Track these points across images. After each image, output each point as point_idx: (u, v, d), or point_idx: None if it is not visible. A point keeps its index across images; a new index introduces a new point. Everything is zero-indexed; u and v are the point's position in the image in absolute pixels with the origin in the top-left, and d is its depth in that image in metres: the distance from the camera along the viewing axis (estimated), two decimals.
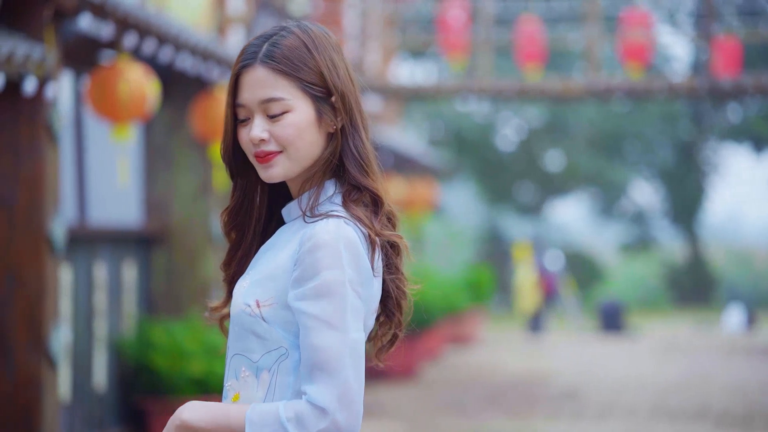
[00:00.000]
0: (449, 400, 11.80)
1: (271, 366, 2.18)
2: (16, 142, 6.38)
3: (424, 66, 29.01)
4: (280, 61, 2.20)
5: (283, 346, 2.18)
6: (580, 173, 28.76)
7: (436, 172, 20.43)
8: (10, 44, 6.02)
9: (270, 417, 2.09)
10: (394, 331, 2.37)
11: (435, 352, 15.37)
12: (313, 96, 2.21)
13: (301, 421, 2.08)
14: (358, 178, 2.24)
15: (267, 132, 2.20)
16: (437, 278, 15.91)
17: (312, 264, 2.14)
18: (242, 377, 2.21)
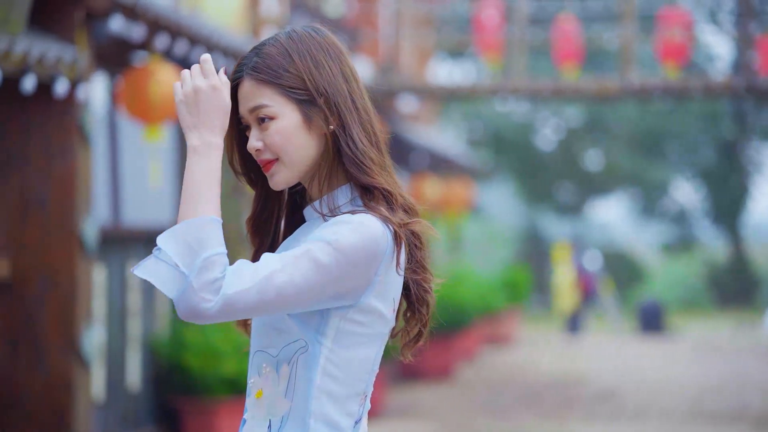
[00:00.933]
0: (485, 401, 11.77)
1: (290, 358, 2.19)
2: (48, 144, 6.43)
3: (463, 66, 28.97)
4: (261, 71, 2.23)
5: (303, 338, 2.19)
6: (620, 173, 28.62)
7: (473, 172, 20.38)
8: (41, 46, 6.07)
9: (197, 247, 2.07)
10: (420, 327, 2.33)
11: (471, 352, 15.34)
12: (297, 100, 2.23)
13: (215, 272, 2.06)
14: (359, 177, 2.24)
15: (261, 141, 2.23)
16: (473, 278, 15.88)
17: (335, 223, 2.17)
18: (264, 373, 2.22)
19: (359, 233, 2.15)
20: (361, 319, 2.21)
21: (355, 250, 2.15)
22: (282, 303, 2.11)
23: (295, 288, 2.10)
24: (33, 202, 6.45)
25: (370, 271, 2.17)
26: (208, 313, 2.04)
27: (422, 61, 17.31)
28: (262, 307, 2.09)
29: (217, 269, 2.05)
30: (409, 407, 11.21)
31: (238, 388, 7.97)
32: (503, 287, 17.26)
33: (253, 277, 2.07)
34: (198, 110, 2.16)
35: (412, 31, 14.05)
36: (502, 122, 28.57)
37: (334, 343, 2.20)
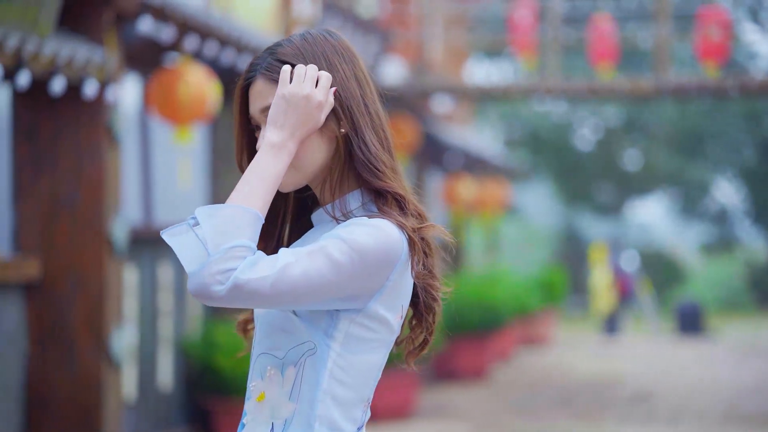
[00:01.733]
0: (519, 402, 11.73)
1: (297, 360, 2.17)
2: (78, 145, 6.47)
3: (500, 67, 28.90)
4: (275, 71, 2.21)
5: (311, 340, 2.17)
6: (659, 172, 28.43)
7: (509, 173, 20.32)
8: (70, 48, 6.10)
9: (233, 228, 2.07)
10: (425, 335, 2.32)
11: (506, 353, 15.29)
12: None
13: (246, 264, 2.05)
14: (371, 181, 2.23)
15: None
16: (509, 279, 15.83)
17: (352, 224, 2.15)
18: (268, 376, 2.19)
19: (375, 237, 2.13)
20: (370, 324, 2.20)
21: (371, 252, 2.13)
22: (293, 297, 2.08)
23: (308, 283, 2.08)
24: (63, 203, 6.49)
25: (383, 275, 2.15)
26: (217, 295, 2.03)
27: (457, 62, 17.27)
28: (273, 298, 2.07)
29: (239, 260, 2.04)
30: (442, 408, 11.19)
31: None
32: (539, 288, 17.19)
33: (268, 267, 2.05)
34: (295, 114, 2.15)
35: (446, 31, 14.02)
36: (540, 122, 28.46)
37: (342, 347, 2.18)
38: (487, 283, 14.31)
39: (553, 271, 19.16)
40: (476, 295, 13.07)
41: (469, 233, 19.85)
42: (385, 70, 11.51)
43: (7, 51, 5.57)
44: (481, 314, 12.93)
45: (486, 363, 13.48)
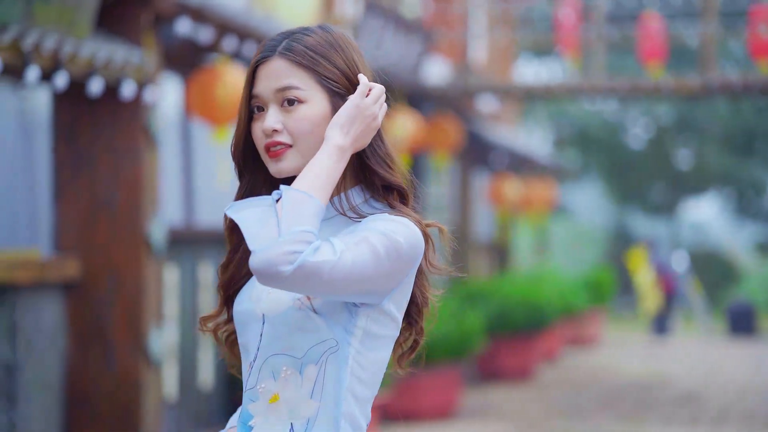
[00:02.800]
0: (563, 402, 11.67)
1: (319, 358, 2.15)
2: (116, 145, 6.52)
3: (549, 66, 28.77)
4: (299, 54, 2.21)
5: (333, 338, 2.16)
6: (712, 172, 28.16)
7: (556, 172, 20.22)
8: (108, 49, 6.16)
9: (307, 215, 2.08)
10: (415, 337, 2.33)
11: (553, 353, 15.21)
12: (331, 91, 2.21)
13: (315, 247, 2.06)
14: (385, 176, 2.23)
15: (281, 123, 2.20)
16: (555, 278, 15.75)
17: (382, 219, 2.15)
18: (283, 377, 2.17)
19: (406, 234, 2.14)
20: (384, 320, 2.20)
21: (405, 249, 2.14)
22: (343, 284, 2.08)
23: (357, 272, 2.09)
24: (101, 204, 6.54)
25: (406, 272, 2.18)
26: (283, 275, 2.03)
27: (505, 61, 17.22)
28: (328, 283, 2.07)
29: (307, 245, 2.05)
30: (485, 408, 11.16)
31: None
32: (586, 288, 17.08)
33: (329, 253, 2.06)
34: (361, 127, 2.17)
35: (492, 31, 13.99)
36: (590, 121, 28.30)
37: (360, 344, 2.18)
38: (532, 282, 14.24)
39: (601, 270, 19.03)
40: (521, 294, 13.01)
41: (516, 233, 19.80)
42: (427, 69, 11.50)
43: (44, 52, 5.63)
44: (525, 314, 12.87)
45: (531, 363, 13.41)
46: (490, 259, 16.91)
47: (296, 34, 2.24)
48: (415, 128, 10.28)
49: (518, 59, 26.32)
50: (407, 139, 10.19)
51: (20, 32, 5.51)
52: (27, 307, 6.19)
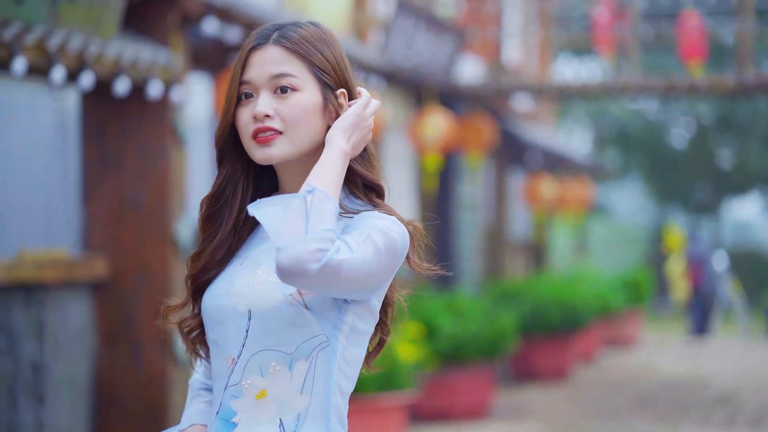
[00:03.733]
0: (599, 403, 11.60)
1: (310, 354, 2.16)
2: (144, 145, 6.55)
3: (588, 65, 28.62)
4: (295, 42, 2.22)
5: (323, 334, 2.17)
6: (754, 171, 27.89)
7: (593, 172, 20.11)
8: (134, 49, 6.18)
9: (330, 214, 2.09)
10: (382, 336, 2.34)
11: (590, 353, 15.12)
12: (323, 82, 2.23)
13: (337, 246, 2.08)
14: (367, 176, 2.27)
15: (273, 109, 2.21)
16: (592, 278, 15.66)
17: (375, 217, 2.18)
18: (271, 372, 2.17)
19: (399, 231, 2.18)
20: (368, 317, 2.23)
21: (399, 246, 2.18)
22: (356, 282, 2.11)
23: (365, 269, 2.11)
24: (129, 203, 6.57)
25: (395, 268, 2.21)
26: (310, 272, 2.04)
27: (541, 60, 17.15)
28: (345, 281, 2.09)
29: (331, 243, 2.06)
30: (518, 408, 11.11)
31: None
32: (624, 288, 16.97)
33: (348, 251, 2.08)
34: (360, 134, 2.20)
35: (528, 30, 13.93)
36: (630, 120, 28.13)
37: (347, 339, 2.20)
38: (568, 282, 14.17)
39: (640, 270, 18.91)
40: (556, 294, 12.94)
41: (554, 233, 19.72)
42: (460, 69, 11.47)
43: (69, 53, 5.66)
44: (561, 314, 12.80)
45: (567, 363, 13.34)
46: (526, 259, 16.85)
47: (289, 26, 2.26)
48: (448, 127, 10.26)
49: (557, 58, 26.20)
50: (439, 138, 10.17)
51: (45, 33, 5.54)
52: (55, 306, 6.23)
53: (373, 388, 8.01)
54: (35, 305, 6.06)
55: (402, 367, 8.17)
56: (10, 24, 5.34)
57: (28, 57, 5.42)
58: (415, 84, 10.28)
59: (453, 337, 9.81)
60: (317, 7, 9.30)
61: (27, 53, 5.41)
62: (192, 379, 2.39)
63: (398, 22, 9.58)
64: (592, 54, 26.03)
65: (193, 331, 2.32)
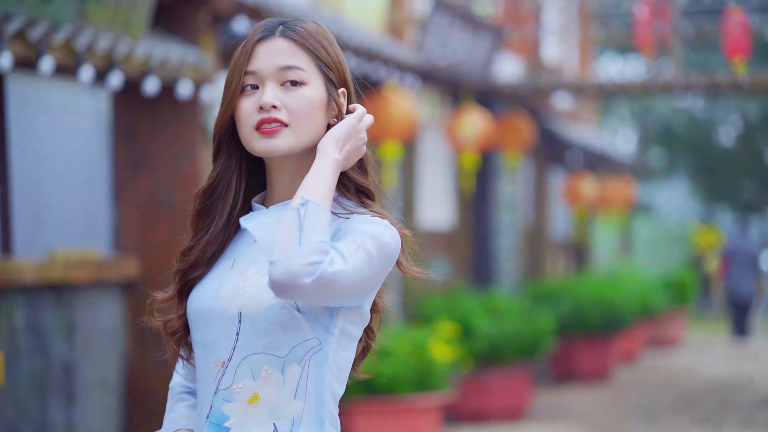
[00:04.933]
0: (639, 405, 11.48)
1: (302, 358, 2.13)
2: (174, 145, 6.54)
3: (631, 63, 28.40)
4: (304, 37, 2.20)
5: (315, 337, 2.14)
6: None
7: (636, 170, 19.94)
8: (164, 49, 6.17)
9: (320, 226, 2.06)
10: (367, 341, 2.31)
11: (632, 354, 14.99)
12: (328, 79, 2.21)
13: (330, 256, 2.05)
14: (360, 181, 2.24)
15: (280, 101, 2.17)
16: (634, 278, 15.52)
17: (368, 222, 2.15)
18: (263, 377, 2.14)
19: (391, 235, 2.15)
20: (358, 321, 2.20)
21: (391, 251, 2.15)
22: (351, 290, 2.09)
23: (359, 277, 2.09)
24: (160, 203, 6.56)
25: (387, 272, 2.18)
26: (304, 286, 2.01)
27: (583, 58, 17.03)
28: (339, 291, 2.06)
29: (325, 254, 2.03)
30: (557, 410, 11.02)
31: (372, 389, 7.95)
32: (667, 288, 16.80)
33: (341, 262, 2.05)
34: (353, 146, 2.17)
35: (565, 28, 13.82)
36: (676, 119, 27.88)
37: (338, 343, 2.17)
38: (609, 282, 14.05)
39: (683, 270, 18.71)
40: (597, 294, 12.83)
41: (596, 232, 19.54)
42: (498, 67, 11.40)
43: (98, 52, 5.65)
44: (601, 314, 12.68)
45: (608, 364, 13.22)
46: (567, 259, 16.73)
47: (294, 20, 2.24)
48: (485, 126, 10.19)
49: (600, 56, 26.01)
50: (476, 137, 10.10)
51: (73, 32, 5.54)
52: (85, 306, 6.23)
53: (408, 389, 7.97)
54: (66, 305, 6.06)
55: (437, 367, 8.11)
56: (37, 23, 5.34)
57: (56, 57, 5.41)
58: (452, 83, 10.22)
59: (490, 337, 9.75)
60: (353, 6, 9.25)
61: (54, 53, 5.40)
62: (173, 382, 2.36)
63: (434, 20, 9.52)
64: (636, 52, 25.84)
65: (177, 332, 2.29)
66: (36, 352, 5.85)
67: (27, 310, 5.78)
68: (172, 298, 2.29)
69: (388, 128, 8.39)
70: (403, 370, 7.95)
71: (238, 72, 2.20)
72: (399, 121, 8.39)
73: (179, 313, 2.28)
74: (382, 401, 7.95)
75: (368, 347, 2.30)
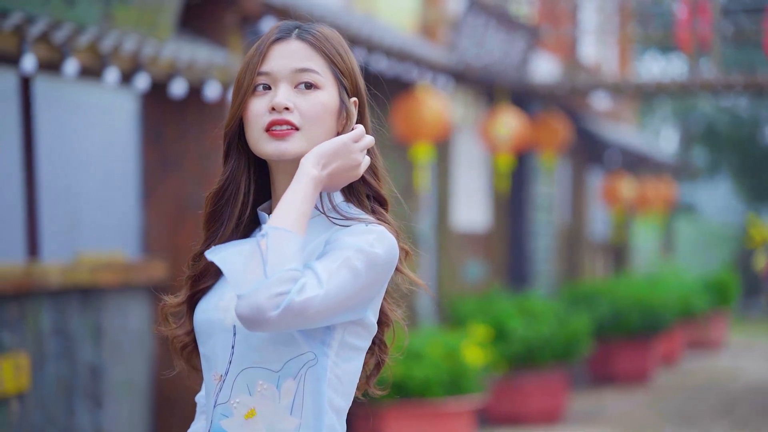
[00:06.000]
0: (678, 408, 11.34)
1: (297, 372, 2.08)
2: (202, 146, 6.50)
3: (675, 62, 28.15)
4: (320, 40, 2.17)
5: (311, 351, 2.08)
6: None
7: (677, 171, 19.73)
8: (190, 50, 6.13)
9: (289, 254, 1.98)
10: (380, 356, 2.24)
11: (672, 357, 14.83)
12: (342, 86, 2.16)
13: (301, 284, 1.98)
14: (373, 186, 2.18)
15: (293, 103, 2.12)
16: (675, 279, 15.35)
17: (361, 232, 2.07)
18: (259, 391, 2.09)
19: (384, 245, 2.07)
20: (361, 331, 2.13)
21: (382, 262, 2.07)
22: (331, 313, 2.02)
23: (341, 297, 2.02)
24: (188, 205, 6.53)
25: (384, 281, 2.11)
26: (270, 320, 1.95)
27: (623, 57, 16.87)
28: (315, 317, 1.99)
29: (292, 283, 1.96)
30: (594, 413, 10.90)
31: (405, 392, 7.90)
32: (708, 289, 16.60)
33: (315, 286, 1.98)
34: (340, 168, 2.10)
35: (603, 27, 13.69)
36: (720, 118, 27.60)
37: (337, 355, 2.11)
38: (649, 283, 13.90)
39: (726, 271, 18.49)
40: (636, 296, 12.69)
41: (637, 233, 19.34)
42: (534, 67, 11.29)
43: (123, 54, 5.62)
44: (640, 316, 12.54)
45: (648, 367, 13.08)
46: (605, 260, 16.58)
47: (311, 24, 2.21)
48: (520, 127, 10.09)
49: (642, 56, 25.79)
50: (511, 137, 10.01)
51: (98, 34, 5.51)
52: (113, 309, 6.20)
53: (440, 393, 7.91)
54: (93, 309, 6.04)
55: (469, 370, 8.04)
56: (61, 26, 5.31)
57: (80, 59, 5.38)
58: (487, 83, 10.12)
59: (525, 339, 9.65)
60: (386, 7, 9.19)
61: (79, 55, 5.37)
62: (198, 395, 2.33)
63: (468, 20, 9.43)
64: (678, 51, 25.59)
65: (188, 346, 2.25)
66: (63, 356, 5.82)
67: (53, 313, 5.75)
68: (182, 303, 2.24)
69: (420, 129, 8.33)
70: (436, 374, 7.88)
71: (250, 72, 2.15)
72: (431, 122, 8.32)
73: (188, 328, 2.23)
74: (415, 405, 7.89)
75: (382, 362, 2.23)
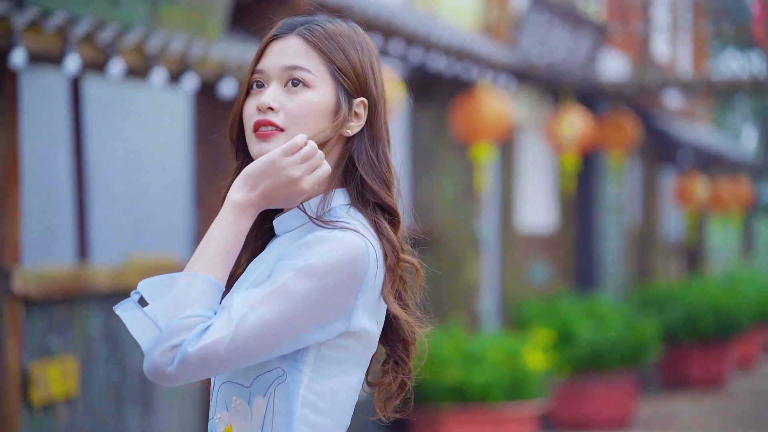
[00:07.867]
0: (752, 414, 11.05)
1: (267, 389, 1.96)
2: None
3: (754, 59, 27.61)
4: (319, 38, 2.05)
5: (280, 367, 1.96)
6: None
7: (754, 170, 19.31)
8: (240, 50, 6.05)
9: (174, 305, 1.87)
10: (403, 378, 2.07)
11: (750, 361, 14.49)
12: (340, 86, 2.04)
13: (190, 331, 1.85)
14: (379, 194, 2.03)
15: (279, 102, 2.01)
16: (753, 281, 14.99)
17: (309, 244, 1.93)
18: (233, 407, 1.98)
19: (339, 253, 1.92)
20: (345, 343, 1.98)
21: (335, 269, 1.91)
22: (256, 349, 1.88)
23: (270, 330, 1.88)
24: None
25: (352, 289, 1.94)
26: (168, 376, 1.85)
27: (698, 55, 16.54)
28: (232, 359, 1.86)
29: (188, 331, 1.85)
30: (665, 419, 10.65)
31: (463, 397, 7.77)
32: None
33: (223, 326, 1.85)
34: (274, 183, 1.95)
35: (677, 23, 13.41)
36: None
37: (314, 371, 1.96)
38: (725, 286, 13.58)
39: None
40: (710, 298, 12.39)
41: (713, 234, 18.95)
42: (602, 65, 11.06)
43: (170, 55, 5.54)
44: (714, 319, 12.24)
45: (722, 372, 12.77)
46: (679, 262, 16.26)
47: (319, 20, 2.10)
48: (586, 126, 9.87)
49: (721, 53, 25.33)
50: (577, 137, 9.80)
51: (145, 34, 5.44)
52: None
53: (500, 398, 7.76)
54: None
55: (530, 375, 7.87)
56: (106, 26, 5.25)
57: (126, 59, 5.31)
58: (551, 82, 9.93)
59: (591, 343, 9.45)
60: (448, 5, 9.04)
61: (125, 56, 5.30)
62: None
63: (532, 18, 9.25)
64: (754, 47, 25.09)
65: None
66: (112, 361, 5.77)
67: (102, 317, 5.70)
68: None
69: (480, 129, 8.16)
70: (496, 378, 7.74)
71: (249, 70, 2.07)
72: (491, 121, 8.15)
73: None
74: (474, 410, 7.74)
75: (404, 384, 2.07)
